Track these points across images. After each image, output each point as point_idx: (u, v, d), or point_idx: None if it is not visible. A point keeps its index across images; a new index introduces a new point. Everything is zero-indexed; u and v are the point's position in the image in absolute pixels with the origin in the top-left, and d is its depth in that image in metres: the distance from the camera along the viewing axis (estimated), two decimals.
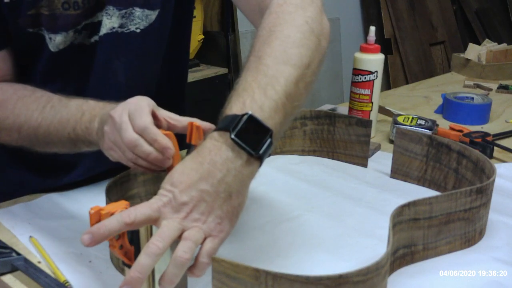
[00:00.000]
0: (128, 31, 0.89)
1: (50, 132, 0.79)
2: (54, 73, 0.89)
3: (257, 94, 0.66)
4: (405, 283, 0.72)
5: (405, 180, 1.01)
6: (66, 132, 0.78)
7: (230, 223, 0.63)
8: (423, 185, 0.99)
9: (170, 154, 0.67)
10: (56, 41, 0.86)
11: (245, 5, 0.88)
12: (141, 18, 0.90)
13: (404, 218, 0.73)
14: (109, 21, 0.87)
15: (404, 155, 0.99)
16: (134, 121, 0.68)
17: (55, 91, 0.84)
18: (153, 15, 0.91)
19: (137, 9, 0.89)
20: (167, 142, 0.67)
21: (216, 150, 0.62)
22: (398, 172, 1.01)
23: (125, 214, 0.59)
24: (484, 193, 0.79)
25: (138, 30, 0.90)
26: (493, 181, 0.81)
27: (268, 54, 0.70)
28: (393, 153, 1.01)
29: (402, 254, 0.75)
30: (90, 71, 0.90)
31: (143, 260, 0.57)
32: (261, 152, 0.63)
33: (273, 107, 0.65)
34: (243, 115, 0.63)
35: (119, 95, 0.90)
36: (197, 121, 0.70)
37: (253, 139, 0.63)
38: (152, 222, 0.61)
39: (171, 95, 1.04)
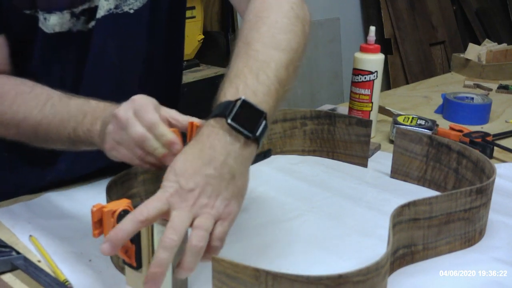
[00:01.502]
0: (122, 12, 0.90)
1: (50, 131, 0.79)
2: (51, 58, 0.88)
3: (250, 80, 0.67)
4: (405, 283, 0.72)
5: (405, 180, 1.01)
6: (67, 132, 0.77)
7: (237, 203, 0.64)
8: (423, 185, 0.99)
9: (177, 150, 0.67)
10: (50, 21, 0.84)
11: None
12: None
13: (404, 218, 0.73)
14: (107, 3, 0.87)
15: (404, 155, 0.99)
16: (141, 117, 0.67)
17: (54, 78, 0.84)
18: None
19: None
20: (175, 137, 0.67)
21: (214, 135, 0.63)
22: (398, 172, 1.01)
23: (137, 212, 0.60)
24: (484, 193, 0.79)
25: (131, 11, 0.90)
26: (493, 181, 0.81)
27: (256, 39, 0.72)
28: (393, 153, 1.01)
29: (402, 254, 0.75)
30: (87, 55, 0.89)
31: (161, 254, 0.58)
32: (257, 134, 0.64)
33: (266, 92, 0.67)
34: (237, 100, 0.65)
35: (113, 76, 0.91)
36: (196, 120, 0.70)
37: (248, 122, 0.64)
38: (164, 215, 0.61)
39: (166, 86, 1.04)
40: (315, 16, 3.04)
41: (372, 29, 1.21)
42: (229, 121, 0.63)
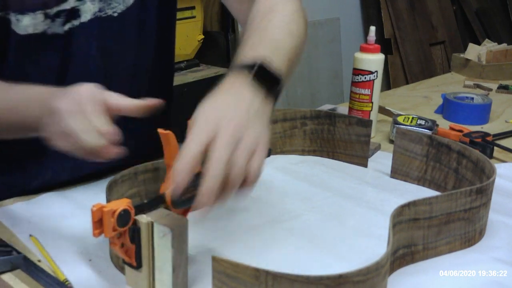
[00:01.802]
0: (106, 15, 0.89)
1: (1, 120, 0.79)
2: (26, 61, 0.87)
3: (265, 52, 0.73)
4: (405, 283, 0.72)
5: (405, 180, 1.01)
6: (17, 120, 0.78)
7: (266, 137, 0.66)
8: (423, 185, 0.99)
9: (114, 140, 0.68)
10: (23, 22, 0.83)
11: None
12: (118, 2, 0.90)
13: (404, 218, 0.73)
14: (93, 6, 0.87)
15: (404, 155, 0.99)
16: (80, 109, 0.68)
17: (32, 82, 0.83)
18: None
19: None
20: (110, 128, 0.68)
21: (238, 84, 0.68)
22: (398, 172, 1.01)
23: (184, 153, 0.61)
24: (484, 193, 0.79)
25: (115, 14, 0.90)
26: (493, 181, 0.81)
27: (272, 25, 0.81)
28: (393, 153, 1.01)
29: (402, 254, 0.75)
30: (69, 60, 0.89)
31: (210, 183, 0.60)
32: (275, 92, 0.69)
33: (280, 65, 0.73)
34: (256, 62, 0.70)
35: (99, 80, 0.90)
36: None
37: (267, 82, 0.69)
38: (203, 155, 0.62)
39: (157, 88, 1.03)
40: (315, 16, 3.05)
41: (372, 29, 1.21)
42: (252, 74, 0.68)
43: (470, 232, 0.80)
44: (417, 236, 0.75)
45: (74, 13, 0.86)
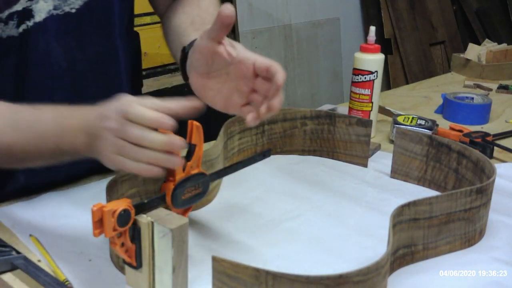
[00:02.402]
0: (63, 12, 0.87)
1: (29, 149, 0.75)
2: None
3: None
4: (405, 283, 0.72)
5: (405, 180, 1.01)
6: (48, 147, 0.74)
7: None
8: (423, 185, 0.99)
9: (172, 127, 0.66)
10: None
11: None
12: None
13: (404, 218, 0.73)
14: (46, 4, 0.85)
15: (404, 155, 0.99)
16: (131, 115, 0.66)
17: None
18: None
19: None
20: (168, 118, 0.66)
21: None
22: (398, 172, 1.01)
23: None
24: (484, 193, 0.79)
25: (73, 10, 0.88)
26: (493, 181, 0.81)
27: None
28: (393, 153, 1.01)
29: (402, 254, 0.75)
30: (28, 61, 0.87)
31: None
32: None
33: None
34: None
35: (62, 81, 0.88)
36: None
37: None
38: None
39: (127, 81, 1.01)
40: (315, 16, 3.05)
41: (372, 29, 1.21)
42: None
43: (470, 232, 0.80)
44: (417, 236, 0.75)
45: (26, 13, 0.84)
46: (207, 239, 0.81)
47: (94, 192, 0.93)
